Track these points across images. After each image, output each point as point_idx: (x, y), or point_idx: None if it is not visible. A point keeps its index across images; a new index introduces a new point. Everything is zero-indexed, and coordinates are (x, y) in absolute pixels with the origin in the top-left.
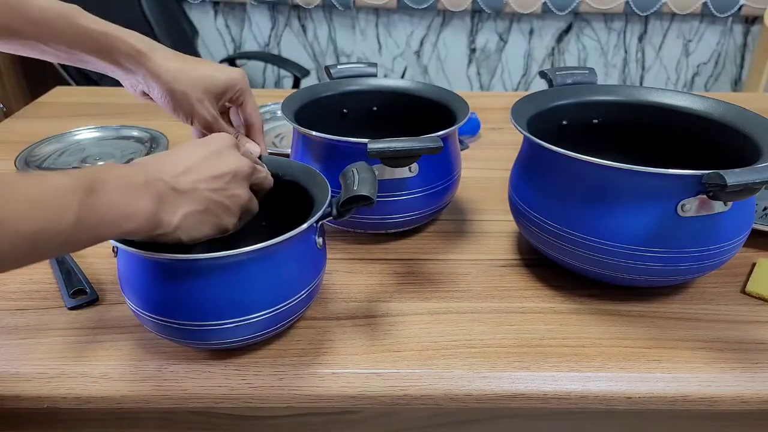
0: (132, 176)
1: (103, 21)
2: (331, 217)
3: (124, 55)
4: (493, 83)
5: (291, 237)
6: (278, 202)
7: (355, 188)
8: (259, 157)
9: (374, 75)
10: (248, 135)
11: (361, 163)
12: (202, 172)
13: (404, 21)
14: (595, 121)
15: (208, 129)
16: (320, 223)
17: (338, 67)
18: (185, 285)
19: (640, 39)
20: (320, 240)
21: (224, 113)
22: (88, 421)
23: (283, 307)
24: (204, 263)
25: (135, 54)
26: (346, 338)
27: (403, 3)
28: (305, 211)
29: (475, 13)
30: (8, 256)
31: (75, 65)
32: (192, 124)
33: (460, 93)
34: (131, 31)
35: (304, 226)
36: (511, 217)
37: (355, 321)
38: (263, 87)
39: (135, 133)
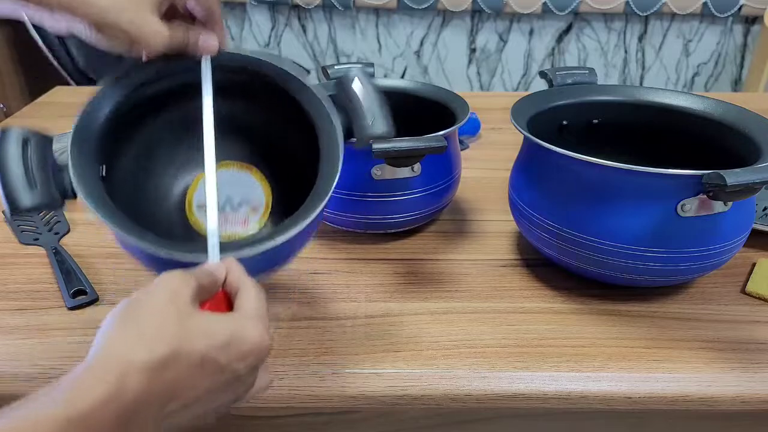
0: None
1: None
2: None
3: None
4: (493, 83)
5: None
6: (252, 102)
7: (371, 122)
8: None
9: (372, 75)
10: (206, 25)
11: (361, 73)
12: (200, 405)
13: (404, 21)
14: (595, 121)
15: (159, 52)
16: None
17: (335, 67)
18: None
19: (640, 39)
20: None
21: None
22: None
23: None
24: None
25: None
26: (346, 338)
27: (403, 3)
28: (285, 110)
29: (475, 13)
30: None
31: None
32: (134, 50)
33: (460, 93)
34: None
35: (321, 207)
36: (511, 217)
37: (355, 321)
38: None
39: None
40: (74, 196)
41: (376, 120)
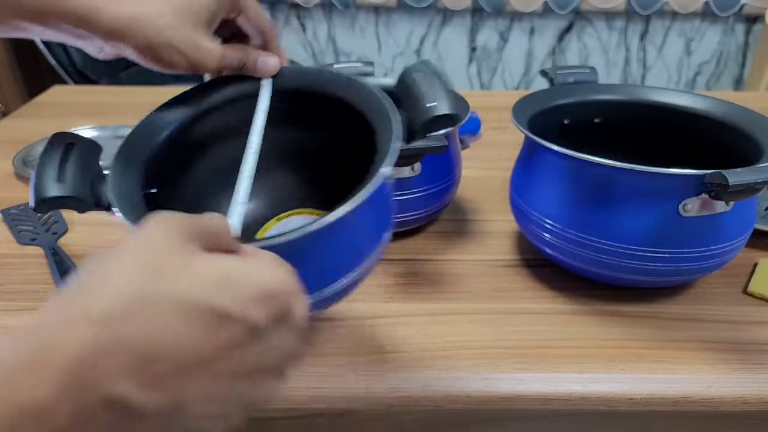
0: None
1: None
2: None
3: (71, 16)
4: (493, 82)
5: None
6: (309, 120)
7: (434, 104)
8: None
9: (371, 74)
10: (262, 46)
11: (421, 64)
12: (214, 378)
13: (404, 20)
14: (597, 120)
15: (215, 72)
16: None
17: (335, 66)
18: None
19: (642, 38)
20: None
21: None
22: None
23: (358, 270)
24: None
25: (85, 11)
26: (347, 338)
27: (403, 2)
28: (345, 127)
29: (476, 11)
30: None
31: (14, 36)
32: (192, 72)
33: (460, 92)
34: None
35: (370, 189)
36: (512, 217)
37: (355, 321)
38: None
39: None
40: (110, 208)
41: (439, 102)
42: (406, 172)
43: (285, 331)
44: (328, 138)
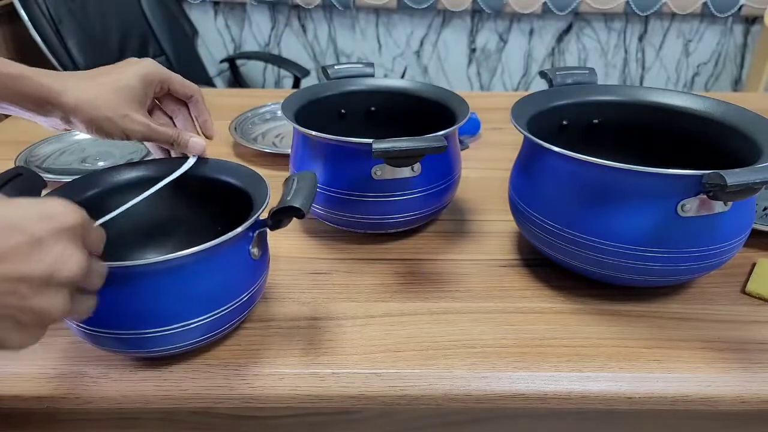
0: None
1: (10, 62)
2: (267, 228)
3: (37, 98)
4: (493, 83)
5: (204, 249)
6: (227, 208)
7: (288, 198)
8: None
9: (371, 75)
10: (192, 111)
11: (306, 173)
12: None
13: (404, 21)
14: (596, 121)
15: (147, 140)
16: (257, 232)
17: (335, 67)
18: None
19: (641, 39)
20: (255, 250)
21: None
22: (88, 421)
23: (205, 319)
24: (113, 271)
25: (47, 94)
26: (346, 338)
27: (403, 3)
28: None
29: (475, 12)
30: None
31: None
32: (128, 140)
33: (460, 93)
34: (39, 69)
35: (217, 241)
36: (511, 217)
37: (355, 321)
38: (263, 87)
39: None
40: None
41: (295, 196)
42: (406, 172)
43: (66, 245)
44: (220, 211)
